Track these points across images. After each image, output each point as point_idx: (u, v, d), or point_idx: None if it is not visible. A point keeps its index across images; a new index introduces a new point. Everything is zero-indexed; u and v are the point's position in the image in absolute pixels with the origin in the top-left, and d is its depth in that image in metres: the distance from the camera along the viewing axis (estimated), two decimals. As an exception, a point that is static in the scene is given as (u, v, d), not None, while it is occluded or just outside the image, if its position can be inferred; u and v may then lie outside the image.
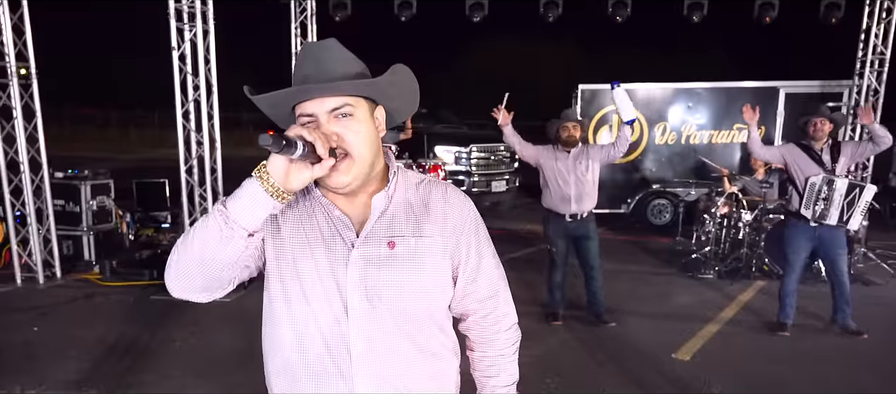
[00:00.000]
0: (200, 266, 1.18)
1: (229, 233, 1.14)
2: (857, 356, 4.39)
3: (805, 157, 4.66)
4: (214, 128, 5.80)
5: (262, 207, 1.15)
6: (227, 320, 5.08)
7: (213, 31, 5.81)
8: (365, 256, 1.29)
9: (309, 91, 1.22)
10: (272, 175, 1.12)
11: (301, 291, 1.28)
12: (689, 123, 9.32)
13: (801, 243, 4.72)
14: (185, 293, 1.25)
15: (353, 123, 1.25)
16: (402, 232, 1.32)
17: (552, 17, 8.70)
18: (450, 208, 1.38)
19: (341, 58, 1.29)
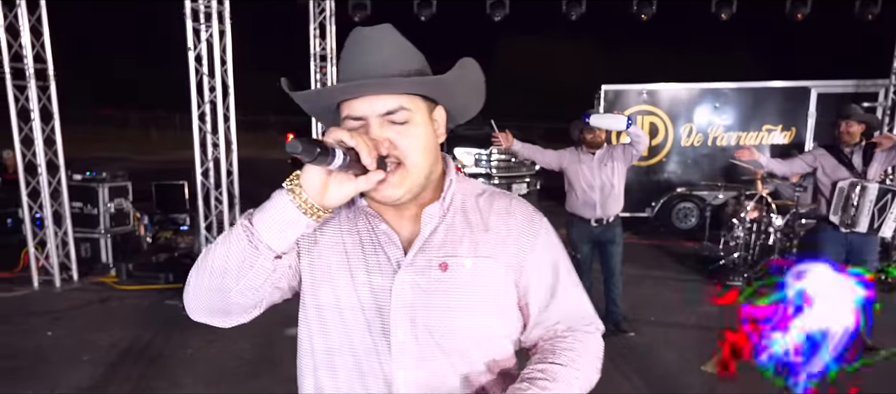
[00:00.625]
0: (220, 289, 1.03)
1: (253, 253, 0.99)
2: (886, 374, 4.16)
3: (833, 160, 4.42)
4: (231, 130, 5.73)
5: (293, 225, 0.98)
6: (244, 327, 4.94)
7: (229, 32, 5.73)
8: (412, 279, 1.10)
9: (358, 89, 1.04)
10: (306, 189, 0.95)
11: (339, 318, 1.12)
12: (715, 125, 9.05)
13: (832, 249, 4.47)
14: (203, 317, 1.11)
15: (409, 128, 1.06)
16: (457, 252, 1.12)
17: (575, 15, 8.53)
18: (515, 223, 1.17)
19: (398, 48, 1.08)
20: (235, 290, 1.02)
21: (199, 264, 1.05)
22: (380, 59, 1.05)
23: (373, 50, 1.06)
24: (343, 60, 1.08)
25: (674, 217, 9.26)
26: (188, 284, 1.08)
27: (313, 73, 8.58)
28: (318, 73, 8.65)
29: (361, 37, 1.07)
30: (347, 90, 1.05)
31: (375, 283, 1.11)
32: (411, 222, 1.14)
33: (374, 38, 1.06)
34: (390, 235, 1.12)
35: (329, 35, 8.66)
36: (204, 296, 1.06)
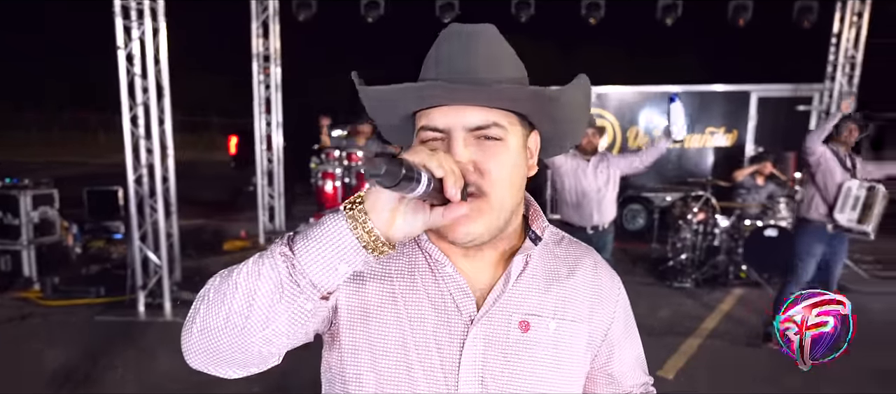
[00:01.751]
0: (241, 333, 0.79)
1: (294, 291, 0.77)
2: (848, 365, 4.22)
3: (835, 161, 4.47)
4: (166, 134, 5.39)
5: (348, 260, 0.77)
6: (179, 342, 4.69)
7: (163, 30, 5.40)
8: (488, 338, 0.92)
9: (454, 92, 0.84)
10: (372, 216, 0.76)
11: (388, 381, 0.92)
12: (661, 127, 9.18)
13: (815, 250, 4.49)
14: (204, 364, 0.86)
15: (501, 152, 0.88)
16: (541, 310, 0.96)
17: (524, 17, 8.51)
18: (603, 284, 1.04)
19: (503, 52, 0.91)
20: (260, 335, 0.79)
21: (210, 299, 0.82)
22: (480, 63, 0.88)
23: (472, 51, 0.88)
24: (433, 59, 0.91)
25: (623, 218, 9.34)
26: (192, 320, 0.84)
27: (255, 74, 8.27)
28: (262, 74, 8.34)
29: (459, 33, 0.90)
30: (437, 92, 0.86)
31: (441, 339, 0.92)
32: (485, 269, 0.97)
33: (474, 38, 0.90)
34: (458, 280, 0.93)
35: (272, 34, 8.37)
36: (214, 339, 0.81)
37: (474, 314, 0.92)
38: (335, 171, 6.89)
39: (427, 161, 0.75)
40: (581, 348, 0.99)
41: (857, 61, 8.05)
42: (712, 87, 9.16)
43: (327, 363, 0.99)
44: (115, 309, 5.29)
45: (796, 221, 4.85)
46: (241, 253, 7.60)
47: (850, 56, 8.09)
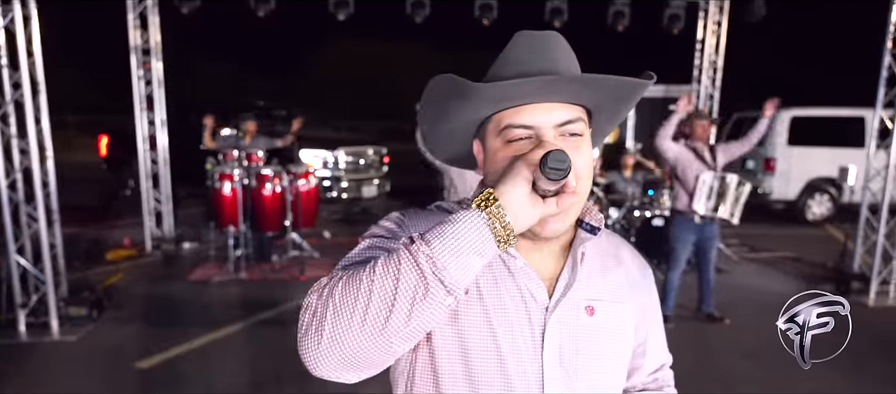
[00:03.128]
0: (376, 336, 0.78)
1: (438, 288, 0.77)
2: (727, 340, 4.72)
3: (692, 156, 4.91)
4: (44, 134, 4.84)
5: (484, 256, 0.80)
6: (71, 362, 4.26)
7: (35, 17, 4.85)
8: (561, 323, 0.98)
9: (553, 85, 0.88)
10: (509, 209, 0.79)
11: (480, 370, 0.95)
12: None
13: (687, 238, 4.97)
14: (337, 372, 0.84)
15: (583, 146, 0.93)
16: (601, 295, 1.03)
17: (419, 17, 8.57)
18: (635, 268, 1.13)
19: (571, 54, 0.96)
20: (402, 334, 0.79)
21: (337, 305, 0.79)
22: (558, 57, 0.93)
23: (550, 48, 0.94)
24: (510, 61, 0.95)
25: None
26: (318, 329, 0.80)
27: (134, 69, 7.64)
28: (141, 69, 7.72)
29: (532, 37, 0.96)
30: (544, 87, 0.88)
31: (522, 327, 0.97)
32: (547, 259, 1.02)
33: (547, 39, 0.95)
34: (530, 272, 0.98)
35: (152, 26, 7.76)
36: (350, 344, 0.79)
37: (548, 303, 0.98)
38: (233, 172, 6.54)
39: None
40: (631, 329, 1.08)
41: (718, 65, 8.97)
42: (594, 87, 9.76)
43: (410, 364, 1.00)
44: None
45: (670, 212, 5.34)
46: (127, 262, 7.00)
47: (713, 60, 9.00)
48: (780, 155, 10.01)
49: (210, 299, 5.70)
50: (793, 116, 9.96)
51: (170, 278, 6.42)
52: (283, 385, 3.91)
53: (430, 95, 0.96)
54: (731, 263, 7.20)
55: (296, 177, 6.92)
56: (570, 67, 0.94)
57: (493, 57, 1.00)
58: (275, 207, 6.79)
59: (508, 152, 0.91)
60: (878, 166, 6.13)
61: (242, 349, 4.50)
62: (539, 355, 0.96)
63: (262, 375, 4.06)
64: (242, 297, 5.73)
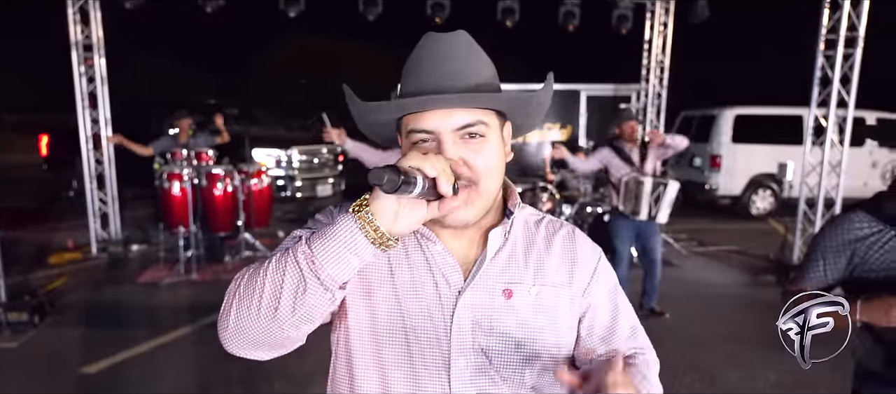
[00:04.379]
0: (272, 322, 0.90)
1: (315, 285, 0.88)
2: (675, 332, 4.88)
3: (617, 158, 5.06)
4: (-21, 132, 4.64)
5: (360, 255, 0.89)
6: (11, 369, 4.10)
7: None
8: (474, 306, 1.03)
9: (437, 102, 0.94)
10: (379, 217, 0.87)
11: (388, 348, 1.02)
12: (504, 123, 9.76)
13: (625, 234, 5.13)
14: (244, 351, 0.97)
15: (484, 147, 0.99)
16: (521, 278, 1.06)
17: (372, 15, 8.54)
18: (579, 252, 1.14)
19: (475, 57, 1.00)
20: (289, 322, 0.91)
21: (241, 294, 0.92)
22: (457, 67, 0.96)
23: (449, 58, 0.98)
24: (413, 68, 1.01)
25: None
26: (227, 315, 0.93)
27: (75, 65, 7.37)
28: (83, 65, 7.45)
29: (436, 42, 1.00)
30: (426, 103, 0.94)
31: (432, 310, 1.02)
32: (468, 245, 1.08)
33: (450, 45, 0.99)
34: (447, 257, 1.05)
35: (94, 21, 7.50)
36: (248, 329, 0.92)
37: (461, 285, 1.03)
38: (182, 172, 6.38)
39: (420, 164, 0.86)
40: (565, 309, 1.09)
41: (665, 65, 9.23)
42: (547, 86, 9.91)
43: (335, 339, 1.08)
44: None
45: (611, 210, 5.50)
46: (71, 265, 6.75)
47: (660, 60, 9.25)
48: (725, 152, 10.37)
49: (159, 302, 5.55)
50: (736, 114, 10.34)
51: (117, 282, 6.22)
52: (232, 386, 3.85)
53: (348, 100, 1.04)
54: (680, 258, 7.43)
55: (248, 176, 6.81)
56: (472, 70, 0.99)
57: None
58: (226, 206, 6.67)
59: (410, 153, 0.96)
60: (813, 162, 6.43)
61: (191, 352, 4.40)
62: (447, 334, 1.01)
63: (210, 377, 3.99)
64: (193, 299, 5.60)
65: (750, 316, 5.27)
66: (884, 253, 1.72)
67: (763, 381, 3.99)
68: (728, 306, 5.56)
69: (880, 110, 10.46)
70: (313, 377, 3.83)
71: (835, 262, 1.82)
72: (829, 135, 6.22)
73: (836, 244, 1.80)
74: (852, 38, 5.96)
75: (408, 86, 1.00)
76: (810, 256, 1.88)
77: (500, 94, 1.01)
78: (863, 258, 1.76)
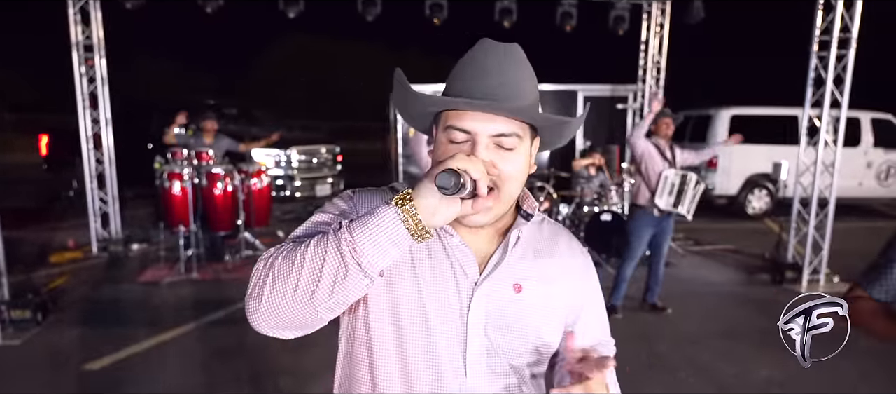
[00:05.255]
0: (304, 305, 0.95)
1: (355, 272, 0.93)
2: (671, 328, 4.95)
3: (656, 153, 5.09)
4: (-17, 132, 4.70)
5: (399, 245, 0.94)
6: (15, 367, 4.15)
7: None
8: (488, 298, 1.11)
9: (488, 106, 1.01)
10: (421, 211, 0.93)
11: (413, 329, 1.09)
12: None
13: (645, 232, 5.15)
14: (272, 330, 1.01)
15: (514, 156, 1.06)
16: (529, 275, 1.15)
17: (371, 16, 8.59)
18: (574, 258, 1.24)
19: (527, 74, 1.06)
20: (325, 306, 0.96)
21: (277, 274, 0.96)
22: (505, 79, 1.03)
23: (500, 69, 1.04)
24: (465, 71, 1.06)
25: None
26: (259, 294, 0.97)
27: (76, 65, 7.42)
28: (84, 65, 7.50)
29: (492, 50, 1.06)
30: (474, 106, 1.02)
31: (449, 299, 1.10)
32: (484, 241, 1.15)
33: (503, 57, 1.05)
34: (465, 250, 1.12)
35: (95, 22, 7.55)
36: (282, 309, 0.96)
37: (478, 278, 1.11)
38: (183, 171, 6.43)
39: (467, 166, 0.93)
40: (561, 308, 1.19)
41: (661, 65, 9.31)
42: (544, 86, 9.97)
43: (350, 327, 1.15)
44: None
45: (630, 207, 5.52)
46: (72, 264, 6.80)
47: (657, 61, 9.33)
48: (721, 152, 10.44)
49: (161, 301, 5.60)
50: (733, 114, 10.41)
51: (118, 280, 6.27)
52: (237, 383, 3.91)
53: (396, 85, 1.09)
54: (677, 257, 7.50)
55: (248, 175, 6.87)
56: (518, 84, 1.05)
57: (443, 57, 1.11)
58: (226, 206, 6.73)
59: (448, 149, 1.05)
60: (807, 162, 6.50)
61: (194, 349, 4.46)
62: (464, 322, 1.09)
63: (214, 374, 4.05)
64: (194, 297, 5.66)
65: (744, 313, 5.35)
66: None
67: (756, 376, 4.06)
68: (723, 304, 5.63)
69: (874, 111, 10.55)
70: (317, 374, 3.89)
71: None
72: (822, 135, 6.29)
73: None
74: (845, 40, 6.03)
75: (456, 86, 1.06)
76: (884, 262, 1.64)
77: (541, 114, 1.07)
78: None
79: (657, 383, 3.98)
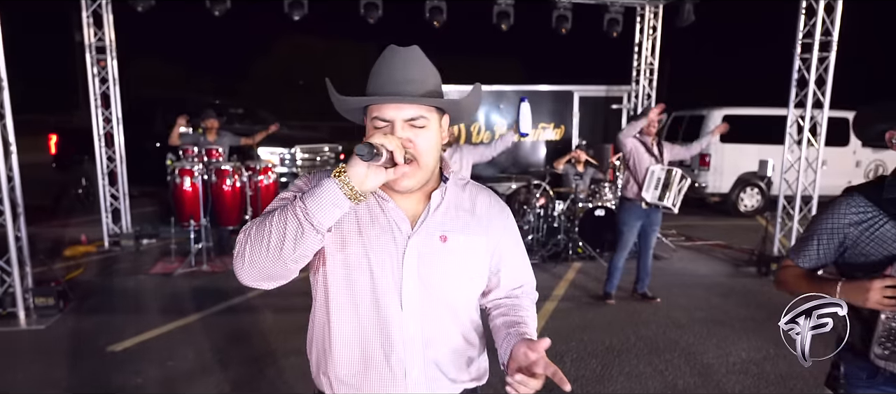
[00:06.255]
0: (275, 260, 1.23)
1: (309, 230, 1.20)
2: (660, 315, 5.22)
3: (643, 149, 5.38)
4: (8, 129, 4.96)
5: (340, 207, 1.21)
6: (43, 348, 4.42)
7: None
8: (419, 248, 1.39)
9: (395, 99, 1.31)
10: (352, 179, 1.19)
11: (360, 277, 1.37)
12: (499, 123, 10.09)
13: (634, 223, 5.44)
14: (255, 282, 1.29)
15: (424, 133, 1.35)
16: (453, 229, 1.43)
17: (373, 19, 8.85)
18: (494, 213, 1.53)
19: (425, 68, 1.37)
20: (291, 259, 1.23)
21: (253, 239, 1.25)
22: (410, 76, 1.33)
23: (404, 67, 1.34)
24: (378, 73, 1.35)
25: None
26: (242, 256, 1.26)
27: (89, 65, 7.69)
28: (96, 66, 7.77)
29: (395, 54, 1.36)
30: (386, 99, 1.31)
31: (388, 251, 1.38)
32: (414, 204, 1.44)
33: (405, 57, 1.36)
34: (398, 211, 1.41)
35: (107, 24, 7.81)
36: (261, 265, 1.24)
37: (410, 232, 1.39)
38: (194, 168, 6.70)
39: (383, 141, 1.20)
40: (482, 253, 1.49)
41: (654, 67, 9.60)
42: (541, 87, 10.26)
43: (315, 285, 1.46)
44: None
45: (620, 199, 5.81)
46: (86, 257, 7.07)
47: (650, 63, 9.62)
48: (714, 151, 10.73)
49: (174, 290, 5.88)
50: (724, 114, 10.70)
51: (131, 272, 6.54)
52: (248, 362, 4.18)
53: (329, 92, 1.40)
54: (669, 251, 7.79)
55: (255, 172, 7.14)
56: (420, 78, 1.36)
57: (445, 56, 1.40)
58: (235, 201, 7.00)
59: (373, 133, 1.32)
60: (792, 160, 6.79)
61: (210, 333, 4.73)
62: (400, 268, 1.37)
63: (228, 354, 4.32)
64: (206, 287, 5.93)
65: (728, 302, 5.64)
66: (873, 239, 1.76)
67: (736, 357, 4.34)
68: (709, 294, 5.91)
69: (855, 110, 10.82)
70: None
71: (828, 244, 1.87)
72: (805, 134, 6.58)
73: (831, 227, 1.85)
74: (827, 43, 6.32)
75: (373, 84, 1.34)
76: (806, 235, 1.94)
77: (438, 99, 1.36)
78: (854, 242, 1.81)
79: (645, 363, 4.26)
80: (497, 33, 9.28)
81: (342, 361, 1.41)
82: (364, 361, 1.39)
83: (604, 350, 4.49)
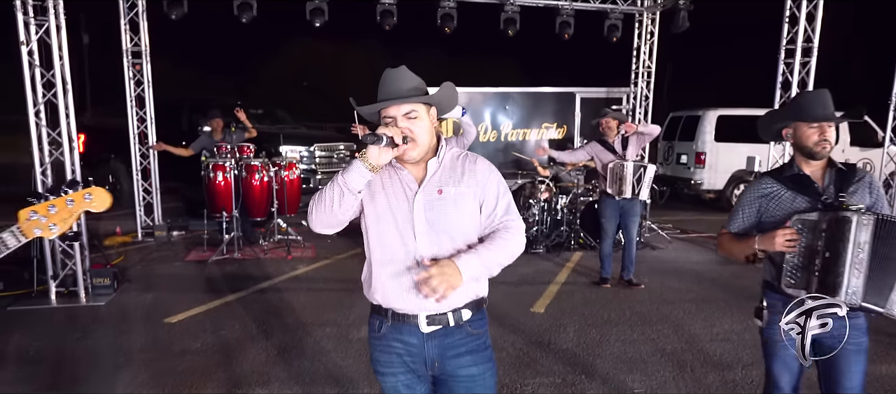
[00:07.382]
0: (329, 213, 1.89)
1: (347, 192, 1.85)
2: (648, 296, 5.79)
3: (603, 149, 6.01)
4: (72, 127, 5.55)
5: (364, 176, 1.83)
6: (106, 321, 5.01)
7: (63, 24, 5.55)
8: (423, 199, 1.95)
9: (391, 103, 1.91)
10: (370, 158, 1.80)
11: (387, 221, 1.97)
12: (505, 123, 10.66)
13: (611, 213, 6.04)
14: (322, 230, 1.96)
15: (418, 121, 1.94)
16: (447, 184, 1.98)
17: (388, 25, 9.41)
18: (478, 170, 2.03)
19: (410, 78, 1.98)
20: (339, 211, 1.89)
21: (317, 201, 1.90)
22: (401, 86, 1.94)
23: (397, 81, 1.94)
24: (380, 88, 1.95)
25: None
26: (311, 212, 1.92)
27: (126, 69, 8.30)
28: (132, 69, 8.37)
29: (390, 74, 1.96)
30: (387, 103, 1.92)
31: (404, 202, 1.97)
32: (419, 170, 2.00)
33: (396, 75, 1.95)
34: (408, 176, 1.99)
35: (142, 31, 8.41)
36: (322, 217, 1.91)
37: (417, 189, 1.96)
38: (226, 164, 7.30)
39: (385, 131, 1.81)
40: (471, 200, 1.99)
41: (652, 70, 10.16)
42: (545, 89, 10.84)
43: (364, 229, 2.04)
44: (21, 301, 5.38)
45: (599, 194, 6.42)
46: (124, 247, 7.68)
47: (648, 66, 10.17)
48: (709, 150, 11.31)
49: (211, 275, 6.46)
50: (719, 115, 11.27)
51: (168, 260, 7.14)
52: (294, 333, 4.76)
53: (355, 108, 2.04)
54: (664, 243, 8.35)
55: (281, 168, 7.72)
56: (407, 85, 1.92)
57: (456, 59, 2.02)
58: (263, 195, 7.58)
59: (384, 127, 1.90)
60: (776, 156, 7.35)
61: (252, 309, 5.31)
62: (412, 212, 1.94)
63: (270, 325, 4.89)
64: (240, 272, 6.52)
65: (715, 285, 6.21)
66: (778, 205, 2.46)
67: (719, 329, 4.91)
68: (698, 279, 6.47)
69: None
70: (354, 326, 4.76)
71: (749, 212, 2.54)
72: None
73: (750, 200, 2.54)
74: (808, 49, 6.89)
75: (380, 94, 1.93)
76: (735, 208, 2.61)
77: (422, 97, 1.93)
78: (766, 208, 2.49)
79: (638, 332, 4.83)
80: (503, 38, 9.85)
81: (380, 277, 1.98)
82: (395, 275, 1.95)
83: (602, 322, 5.07)
